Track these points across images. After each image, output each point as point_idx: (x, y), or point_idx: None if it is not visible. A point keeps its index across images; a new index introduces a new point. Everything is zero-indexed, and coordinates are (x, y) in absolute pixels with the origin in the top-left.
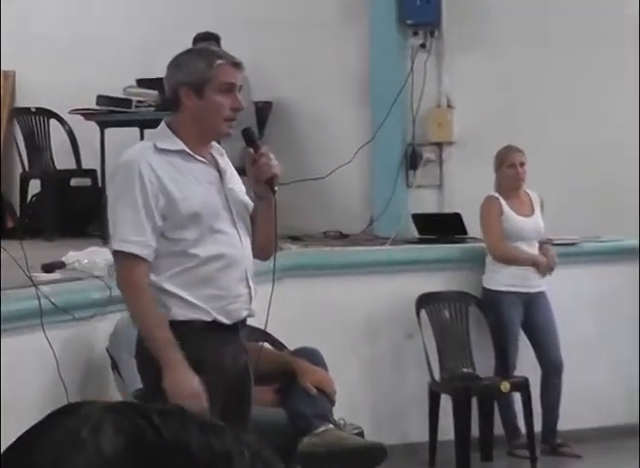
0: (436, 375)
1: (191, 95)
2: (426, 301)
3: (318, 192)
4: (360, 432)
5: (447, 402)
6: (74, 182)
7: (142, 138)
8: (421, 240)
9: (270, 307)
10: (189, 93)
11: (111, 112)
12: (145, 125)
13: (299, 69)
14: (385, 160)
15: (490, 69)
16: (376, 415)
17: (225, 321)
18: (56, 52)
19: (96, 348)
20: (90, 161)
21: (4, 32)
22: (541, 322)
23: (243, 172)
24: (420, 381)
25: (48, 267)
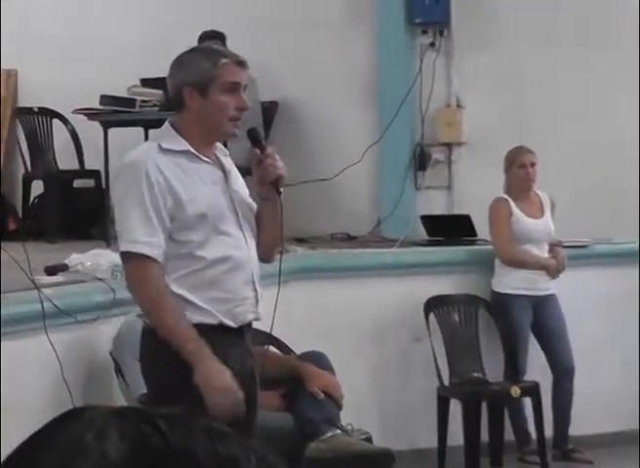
0: (445, 380)
1: (195, 94)
2: (435, 304)
3: (325, 193)
4: (368, 437)
5: (456, 407)
6: (77, 183)
7: (147, 139)
8: (430, 242)
9: (276, 310)
10: (193, 92)
11: (115, 112)
12: (150, 125)
13: (305, 69)
14: (393, 161)
15: (500, 68)
16: (383, 421)
17: (231, 324)
18: (58, 51)
19: (99, 352)
20: (93, 162)
21: (6, 32)
22: (552, 325)
23: (249, 172)
24: (429, 386)
25: (51, 270)
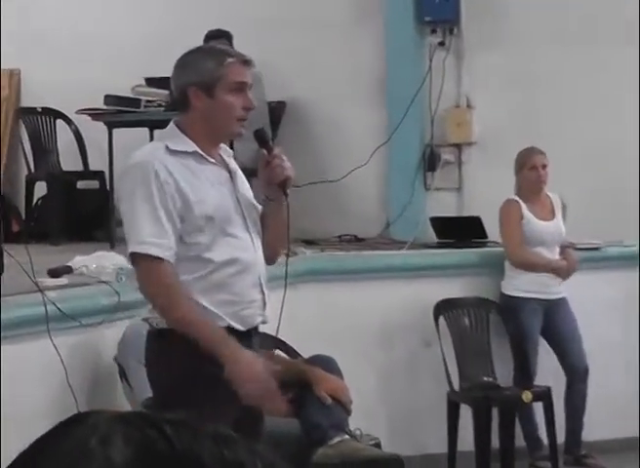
0: (455, 385)
1: (201, 94)
2: (445, 308)
3: (333, 195)
4: (377, 443)
5: (466, 412)
6: (81, 185)
7: (152, 139)
8: (440, 244)
9: (283, 313)
10: (199, 93)
11: (120, 112)
12: (155, 125)
13: (313, 69)
14: (402, 162)
15: (510, 68)
16: (392, 426)
17: (239, 327)
18: (61, 50)
19: (103, 356)
20: (97, 163)
21: (8, 31)
22: (563, 328)
23: (256, 173)
24: (439, 391)
25: (54, 272)
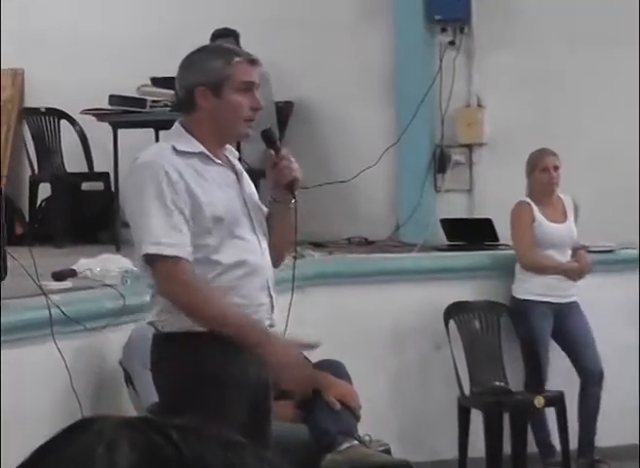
0: (466, 389)
1: (209, 95)
2: (456, 311)
3: (342, 196)
4: (386, 449)
5: (477, 417)
6: (86, 186)
7: (158, 140)
8: (450, 247)
9: (291, 317)
10: (207, 93)
11: (125, 112)
12: (161, 126)
13: (321, 68)
14: (412, 163)
15: (522, 67)
16: (402, 431)
17: None
18: (65, 50)
19: (108, 360)
20: (102, 164)
21: (10, 31)
22: (575, 332)
23: (263, 174)
24: (449, 395)
25: (58, 275)
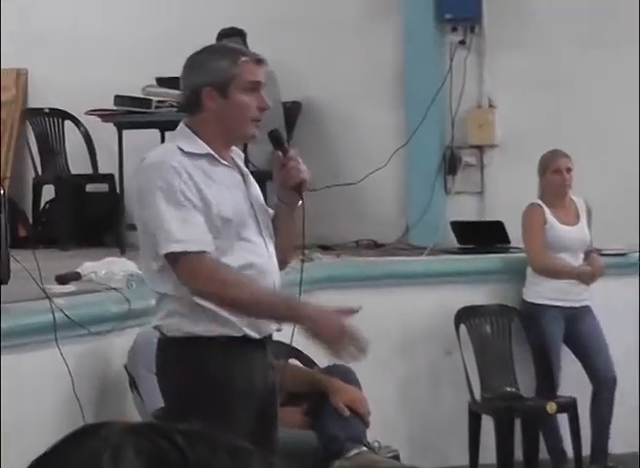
0: (477, 395)
1: (215, 95)
2: (466, 315)
3: (350, 199)
4: (396, 455)
5: (488, 423)
6: (90, 188)
7: (164, 141)
8: (461, 250)
9: None
10: (213, 93)
11: (130, 113)
12: (167, 126)
13: (329, 68)
14: (422, 164)
15: (533, 68)
16: (412, 437)
17: (255, 335)
18: (69, 50)
19: (113, 365)
20: (107, 165)
21: (13, 31)
22: (587, 336)
23: (270, 176)
24: (460, 401)
25: (62, 278)
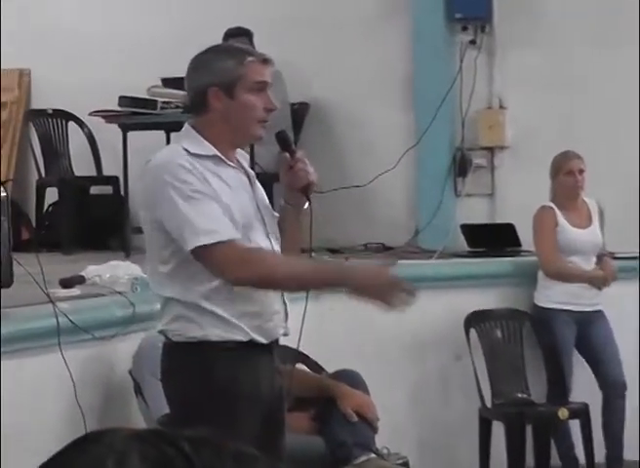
0: (487, 401)
1: (222, 95)
2: (476, 320)
3: (359, 201)
4: (405, 462)
5: (499, 429)
6: (94, 190)
7: (169, 142)
8: (471, 253)
9: (307, 326)
10: (219, 93)
11: (135, 114)
12: (172, 128)
13: (337, 69)
14: (432, 166)
15: (545, 68)
16: (422, 444)
17: (262, 340)
18: (72, 50)
19: (117, 370)
20: (111, 167)
21: (15, 31)
22: (598, 341)
23: (277, 178)
24: (470, 407)
25: (66, 282)
